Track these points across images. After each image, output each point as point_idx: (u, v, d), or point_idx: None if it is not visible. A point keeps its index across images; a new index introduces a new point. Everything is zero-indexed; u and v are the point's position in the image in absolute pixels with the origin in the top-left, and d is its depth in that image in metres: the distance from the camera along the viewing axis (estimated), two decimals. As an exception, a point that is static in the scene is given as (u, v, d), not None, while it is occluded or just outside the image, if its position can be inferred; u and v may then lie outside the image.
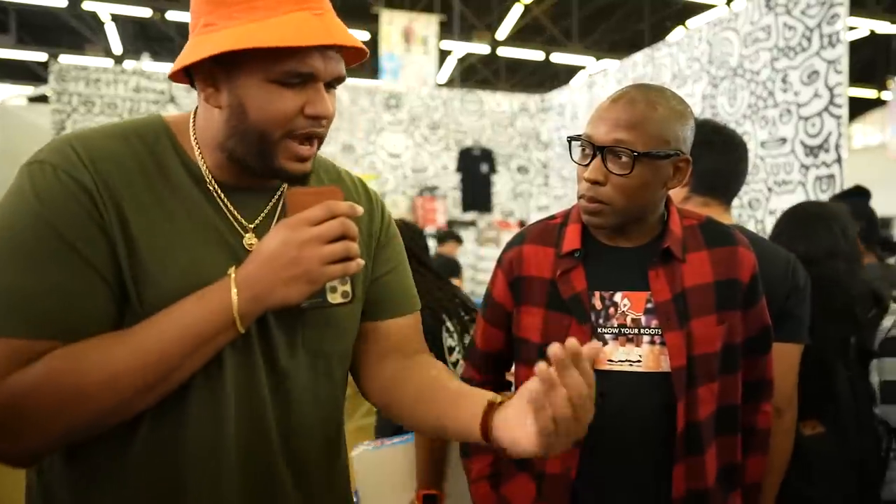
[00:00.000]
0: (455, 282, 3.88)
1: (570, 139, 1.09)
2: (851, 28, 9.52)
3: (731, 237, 1.12)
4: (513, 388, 1.22)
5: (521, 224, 6.24)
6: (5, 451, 0.68)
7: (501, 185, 6.34)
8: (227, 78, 0.75)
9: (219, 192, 0.81)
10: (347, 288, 0.78)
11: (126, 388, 0.68)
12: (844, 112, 2.98)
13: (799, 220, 1.70)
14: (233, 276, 0.73)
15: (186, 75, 0.79)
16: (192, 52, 0.74)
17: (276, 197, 0.86)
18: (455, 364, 1.68)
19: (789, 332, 1.38)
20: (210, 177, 0.80)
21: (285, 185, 0.86)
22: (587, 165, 1.04)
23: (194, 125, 0.82)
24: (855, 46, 9.56)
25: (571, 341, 0.63)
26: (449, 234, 5.00)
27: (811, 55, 3.15)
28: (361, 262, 0.76)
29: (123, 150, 0.76)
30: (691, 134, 1.07)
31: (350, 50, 0.80)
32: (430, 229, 5.98)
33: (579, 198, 1.08)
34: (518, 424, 0.69)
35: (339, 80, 0.79)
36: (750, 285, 1.10)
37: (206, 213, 0.79)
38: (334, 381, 0.90)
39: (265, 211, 0.84)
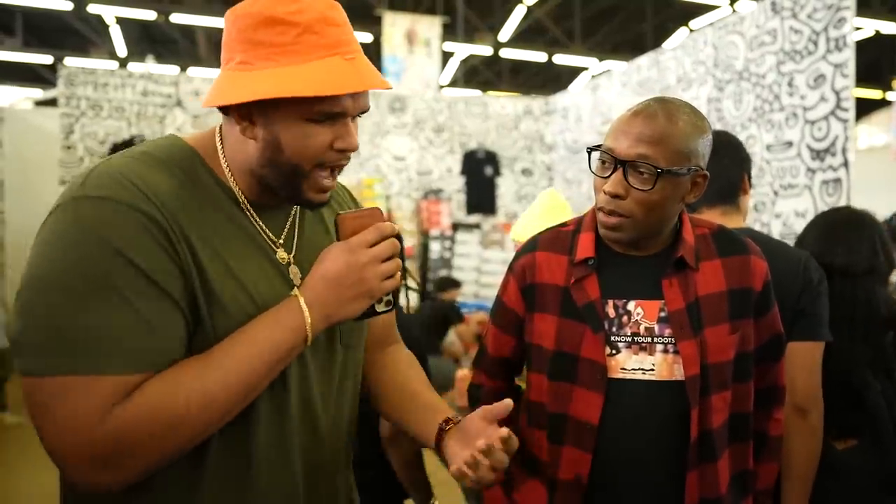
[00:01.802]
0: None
1: (590, 150, 1.08)
2: (857, 28, 9.48)
3: (744, 246, 1.12)
4: (521, 393, 1.23)
5: (526, 226, 6.23)
6: (108, 481, 0.70)
7: (506, 187, 6.34)
8: (263, 115, 0.79)
9: (251, 211, 0.85)
10: (389, 297, 0.88)
11: (219, 409, 0.74)
12: (851, 116, 2.98)
13: (836, 227, 1.58)
14: (300, 297, 0.80)
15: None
16: (230, 90, 0.77)
17: (293, 213, 0.93)
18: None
19: (806, 331, 1.36)
20: (242, 197, 0.85)
21: (297, 208, 0.94)
22: (607, 178, 1.05)
23: (223, 149, 0.85)
24: (860, 47, 9.48)
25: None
26: (449, 282, 4.96)
27: (817, 59, 3.15)
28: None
29: (172, 181, 0.78)
30: (709, 148, 1.08)
31: None
32: (434, 232, 6.00)
33: (598, 209, 1.09)
34: (458, 449, 0.88)
35: (365, 111, 0.85)
36: (762, 293, 1.11)
37: (248, 232, 0.84)
38: (357, 369, 0.99)
39: (287, 227, 0.91)
